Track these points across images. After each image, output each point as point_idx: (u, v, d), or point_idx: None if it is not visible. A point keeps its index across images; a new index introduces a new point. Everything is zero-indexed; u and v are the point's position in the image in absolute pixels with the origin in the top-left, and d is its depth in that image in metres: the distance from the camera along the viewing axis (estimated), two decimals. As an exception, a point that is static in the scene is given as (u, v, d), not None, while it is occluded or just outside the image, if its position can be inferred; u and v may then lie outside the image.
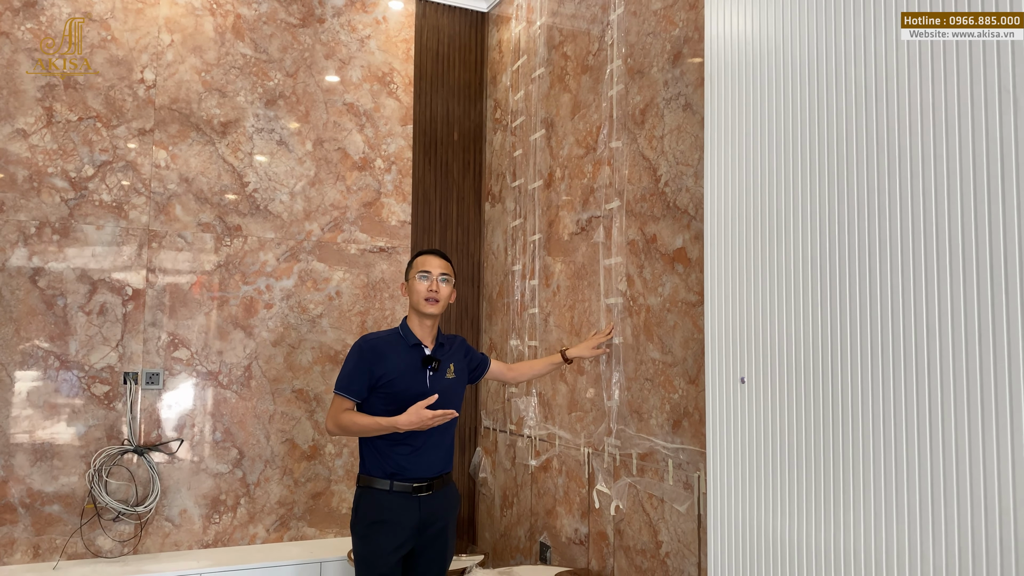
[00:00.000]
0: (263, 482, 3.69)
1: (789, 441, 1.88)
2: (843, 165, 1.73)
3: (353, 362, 2.57)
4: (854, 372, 1.70)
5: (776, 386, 1.93)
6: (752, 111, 2.04)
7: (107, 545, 3.39)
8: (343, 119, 3.97)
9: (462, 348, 2.80)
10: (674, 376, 2.55)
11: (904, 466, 1.57)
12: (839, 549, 1.72)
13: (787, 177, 1.90)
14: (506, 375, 2.99)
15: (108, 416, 3.43)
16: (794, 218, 1.88)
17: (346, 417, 2.51)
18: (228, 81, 3.74)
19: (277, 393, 3.74)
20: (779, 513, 1.90)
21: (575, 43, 3.30)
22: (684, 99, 2.58)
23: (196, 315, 3.61)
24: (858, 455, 1.68)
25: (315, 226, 3.88)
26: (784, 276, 1.91)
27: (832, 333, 1.76)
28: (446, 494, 2.65)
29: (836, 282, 1.75)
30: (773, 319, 1.94)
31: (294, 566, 3.41)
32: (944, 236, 1.52)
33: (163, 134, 3.61)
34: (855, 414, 1.69)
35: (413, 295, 2.62)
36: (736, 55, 2.11)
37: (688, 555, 2.46)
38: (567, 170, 3.30)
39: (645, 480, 2.67)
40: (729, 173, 2.12)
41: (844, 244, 1.73)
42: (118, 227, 3.50)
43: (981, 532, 1.41)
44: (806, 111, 1.85)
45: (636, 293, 2.77)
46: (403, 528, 2.52)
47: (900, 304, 1.59)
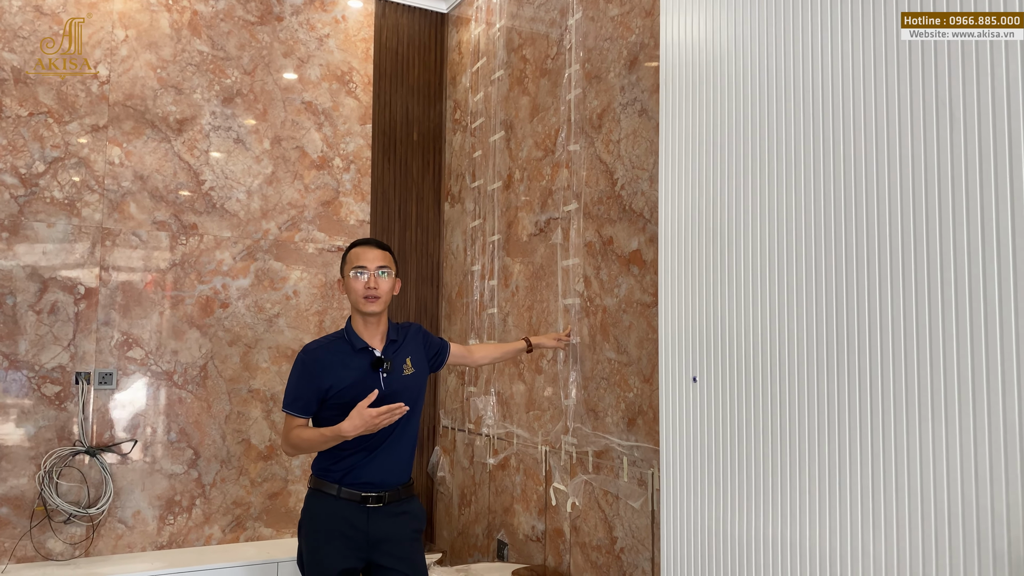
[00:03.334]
0: (219, 482, 3.66)
1: (740, 438, 1.94)
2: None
3: (296, 377, 2.38)
4: (804, 371, 1.76)
5: (727, 385, 1.99)
6: (707, 116, 2.10)
7: (58, 548, 3.34)
8: (301, 118, 3.95)
9: (418, 337, 2.58)
10: (629, 375, 2.61)
11: (852, 462, 1.64)
12: (789, 543, 1.78)
13: (742, 182, 1.96)
14: (467, 358, 2.83)
15: (59, 417, 3.37)
16: (747, 222, 1.94)
17: (295, 435, 2.34)
18: (184, 78, 3.70)
19: (233, 393, 3.72)
20: (730, 509, 1.97)
21: (534, 46, 3.34)
22: (640, 104, 2.64)
23: (151, 314, 3.57)
24: (806, 452, 1.75)
25: (272, 225, 3.85)
26: (737, 278, 1.97)
27: (783, 333, 1.82)
28: (403, 509, 2.42)
29: (787, 284, 1.82)
30: (725, 320, 2.00)
31: (250, 567, 3.39)
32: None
33: (117, 131, 3.55)
34: (804, 412, 1.76)
35: (351, 294, 2.39)
36: (691, 62, 2.17)
37: (642, 550, 2.52)
38: (526, 172, 3.34)
39: (601, 477, 2.72)
40: (684, 177, 2.18)
41: (803, 245, 1.80)
42: (70, 225, 3.44)
43: (931, 524, 1.48)
44: (763, 116, 1.91)
45: (593, 294, 2.82)
46: (350, 541, 2.33)
47: (854, 305, 1.66)
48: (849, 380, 1.64)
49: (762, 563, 1.85)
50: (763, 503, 1.86)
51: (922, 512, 1.48)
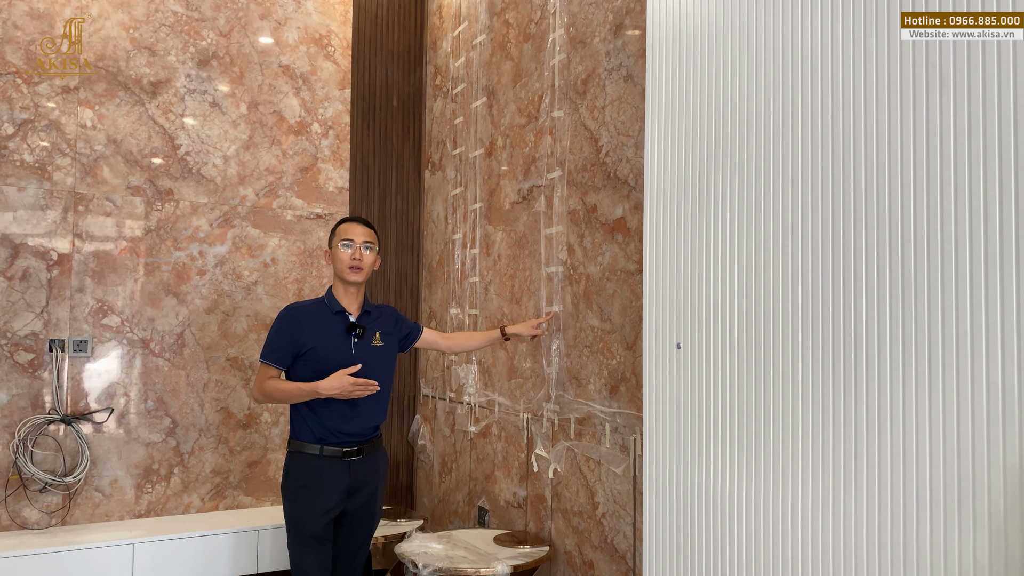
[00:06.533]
0: (197, 451, 3.64)
1: (724, 405, 1.96)
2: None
3: (275, 331, 2.58)
4: (788, 338, 1.77)
5: (711, 352, 2.00)
6: (694, 83, 2.08)
7: (34, 516, 3.30)
8: (279, 81, 3.88)
9: (392, 317, 2.78)
10: (612, 343, 2.62)
11: (834, 428, 1.66)
12: (771, 509, 1.81)
13: (729, 150, 1.95)
14: (440, 344, 2.98)
15: (33, 385, 3.32)
16: (734, 190, 1.94)
17: (270, 384, 2.53)
18: (158, 39, 3.60)
19: (211, 361, 3.68)
20: (713, 474, 1.99)
21: (517, 10, 3.29)
22: (625, 70, 2.61)
23: (126, 281, 3.51)
24: (789, 418, 1.76)
25: (250, 191, 3.79)
26: (722, 246, 1.97)
27: (767, 301, 1.83)
28: (376, 458, 2.65)
29: (773, 252, 1.82)
30: (709, 287, 2.01)
31: (230, 534, 3.39)
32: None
33: (89, 93, 3.46)
34: (788, 379, 1.77)
35: (337, 263, 2.61)
36: (678, 27, 2.15)
37: (624, 515, 2.54)
38: (509, 139, 3.31)
39: (583, 444, 2.74)
40: (670, 144, 2.16)
41: (789, 218, 1.80)
42: (41, 189, 3.35)
43: (912, 488, 1.50)
44: (751, 85, 1.90)
45: (576, 262, 2.81)
46: (333, 492, 2.53)
47: (840, 272, 1.67)
48: (834, 346, 1.66)
49: (744, 528, 1.88)
50: (746, 469, 1.88)
51: (903, 476, 1.51)
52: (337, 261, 2.61)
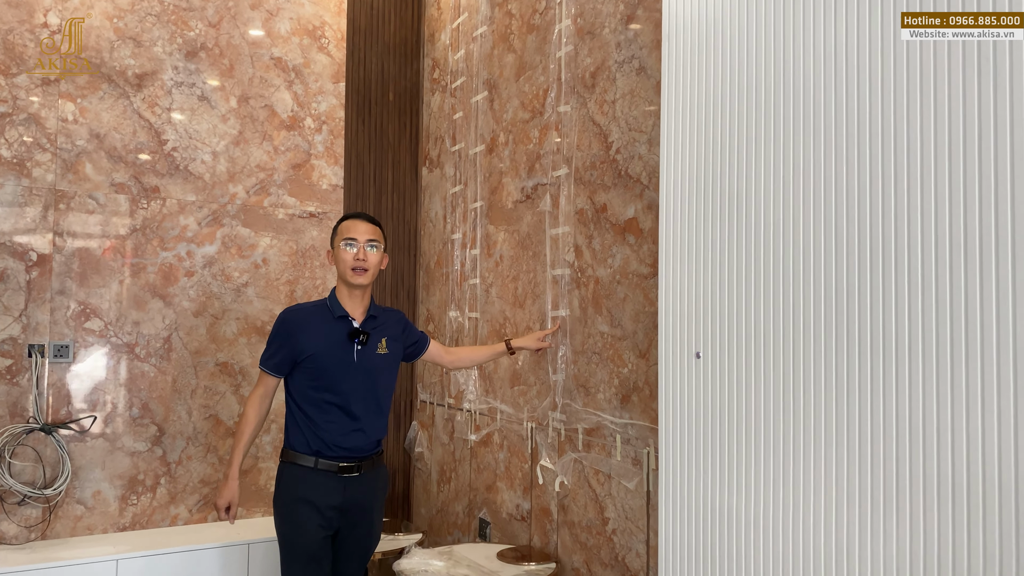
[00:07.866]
0: (185, 460, 3.48)
1: (747, 418, 1.83)
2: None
3: (273, 335, 2.44)
4: (815, 348, 1.64)
5: (733, 361, 1.87)
6: (713, 75, 1.95)
7: (11, 531, 3.14)
8: (270, 74, 3.72)
9: (399, 323, 2.61)
10: (623, 350, 2.48)
11: (862, 443, 1.53)
12: (797, 528, 1.68)
13: (750, 147, 1.82)
14: (444, 358, 2.80)
15: (11, 392, 3.16)
16: (756, 190, 1.80)
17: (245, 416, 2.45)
18: (144, 29, 3.44)
19: (200, 366, 3.52)
20: (735, 491, 1.85)
21: (520, 1, 3.14)
22: (638, 62, 2.48)
23: (110, 283, 3.35)
24: (822, 432, 1.63)
25: (240, 189, 3.64)
26: (744, 248, 1.84)
27: (793, 308, 1.70)
28: (375, 477, 2.49)
29: (799, 256, 1.69)
30: (731, 293, 1.87)
31: (219, 548, 3.24)
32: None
33: (70, 85, 3.30)
34: (815, 390, 1.64)
35: (339, 264, 2.43)
36: (696, 16, 2.02)
37: (636, 532, 2.41)
38: (511, 135, 3.16)
39: (592, 456, 2.60)
40: (688, 141, 2.03)
41: (811, 220, 1.67)
42: (20, 186, 3.19)
43: (933, 509, 1.39)
44: (775, 78, 1.77)
45: (584, 264, 2.68)
46: (327, 508, 2.37)
47: (867, 283, 1.54)
48: (860, 354, 1.53)
49: (767, 547, 1.74)
50: (772, 486, 1.75)
51: (924, 492, 1.38)
52: (340, 262, 2.42)
